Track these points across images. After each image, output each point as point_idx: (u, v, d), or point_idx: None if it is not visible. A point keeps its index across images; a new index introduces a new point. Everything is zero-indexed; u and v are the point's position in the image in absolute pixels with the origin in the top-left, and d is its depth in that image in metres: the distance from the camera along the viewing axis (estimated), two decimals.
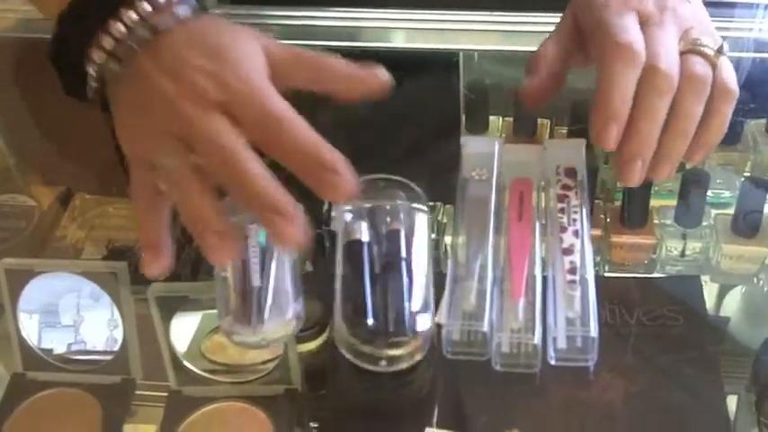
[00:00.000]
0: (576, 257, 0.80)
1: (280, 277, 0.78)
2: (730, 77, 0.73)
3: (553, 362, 0.79)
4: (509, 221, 0.84)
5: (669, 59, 0.71)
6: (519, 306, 0.79)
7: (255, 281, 0.77)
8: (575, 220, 0.83)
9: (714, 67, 0.72)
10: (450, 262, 0.83)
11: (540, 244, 0.83)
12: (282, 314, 0.76)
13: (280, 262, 0.79)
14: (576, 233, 0.82)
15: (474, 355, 0.79)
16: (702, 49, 0.72)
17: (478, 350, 0.79)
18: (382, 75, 0.70)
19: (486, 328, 0.78)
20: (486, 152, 0.88)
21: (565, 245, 0.81)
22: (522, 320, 0.78)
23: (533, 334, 0.77)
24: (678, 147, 0.72)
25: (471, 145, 0.89)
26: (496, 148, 0.88)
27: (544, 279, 0.81)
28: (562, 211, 0.83)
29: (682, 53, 0.72)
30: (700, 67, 0.72)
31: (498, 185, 0.86)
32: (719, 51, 0.73)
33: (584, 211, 0.83)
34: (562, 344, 0.78)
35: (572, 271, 0.79)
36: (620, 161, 0.72)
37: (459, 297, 0.79)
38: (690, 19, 0.75)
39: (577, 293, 0.78)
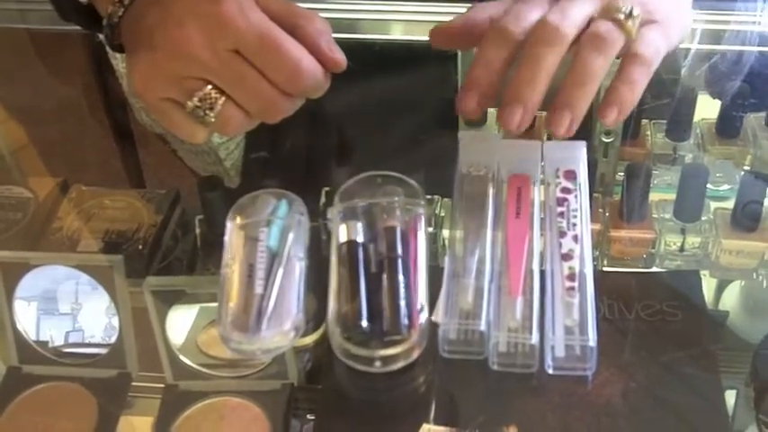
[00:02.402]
0: (576, 263, 0.79)
1: (285, 286, 0.78)
2: (646, 47, 0.75)
3: (551, 371, 0.77)
4: (507, 217, 0.83)
5: (559, 17, 0.73)
6: (517, 304, 0.78)
7: (258, 288, 0.77)
8: (574, 224, 0.82)
9: (627, 32, 0.74)
10: (447, 259, 0.82)
11: (538, 240, 0.82)
12: (281, 325, 0.76)
13: (288, 270, 0.79)
14: (575, 238, 0.81)
15: (471, 354, 0.78)
16: (611, 13, 0.74)
17: (476, 349, 0.78)
18: (340, 62, 0.75)
19: (483, 327, 0.77)
20: (483, 147, 0.87)
21: (564, 250, 0.80)
22: (520, 319, 0.77)
23: (531, 334, 0.76)
24: (576, 97, 0.72)
25: (469, 140, 0.89)
26: (494, 143, 0.88)
27: (543, 276, 0.80)
28: (561, 215, 0.82)
29: (593, 20, 0.74)
30: (602, 27, 0.74)
31: (496, 181, 0.85)
32: (630, 15, 0.74)
33: (584, 215, 0.82)
34: (560, 353, 0.77)
35: (571, 277, 0.78)
36: (501, 106, 0.73)
37: (457, 295, 0.79)
38: None
39: (576, 300, 0.77)
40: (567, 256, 0.80)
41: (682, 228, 0.94)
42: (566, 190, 0.84)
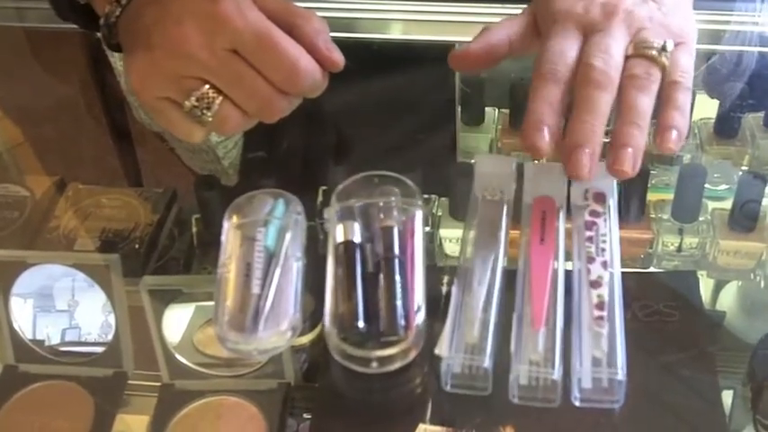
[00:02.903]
0: (605, 291, 0.76)
1: (282, 286, 0.78)
2: (682, 72, 0.74)
3: (578, 403, 0.75)
4: (530, 243, 0.80)
5: (605, 58, 0.73)
6: (539, 336, 0.74)
7: (255, 288, 0.77)
8: (603, 249, 0.78)
9: (662, 66, 0.73)
10: (454, 288, 0.79)
11: (563, 267, 0.79)
12: (278, 325, 0.76)
13: (285, 269, 0.79)
14: (604, 264, 0.78)
15: (476, 389, 0.76)
16: (645, 51, 0.74)
17: (480, 384, 0.76)
18: (338, 61, 0.75)
19: (487, 363, 0.74)
20: (500, 172, 0.85)
21: (592, 277, 0.77)
22: (542, 352, 0.74)
23: (553, 368, 0.73)
24: (630, 135, 0.71)
25: (485, 164, 0.86)
26: (512, 167, 0.84)
27: (569, 304, 0.77)
28: (590, 239, 0.79)
29: (628, 57, 0.74)
30: (639, 68, 0.73)
31: (511, 206, 0.83)
32: (663, 50, 0.74)
33: (613, 240, 0.79)
34: (587, 384, 0.74)
35: (600, 306, 0.75)
36: (565, 153, 0.72)
37: (462, 328, 0.76)
38: (644, 19, 0.75)
39: (605, 331, 0.74)
40: (595, 284, 0.77)
41: (679, 228, 0.94)
42: (594, 213, 0.81)
